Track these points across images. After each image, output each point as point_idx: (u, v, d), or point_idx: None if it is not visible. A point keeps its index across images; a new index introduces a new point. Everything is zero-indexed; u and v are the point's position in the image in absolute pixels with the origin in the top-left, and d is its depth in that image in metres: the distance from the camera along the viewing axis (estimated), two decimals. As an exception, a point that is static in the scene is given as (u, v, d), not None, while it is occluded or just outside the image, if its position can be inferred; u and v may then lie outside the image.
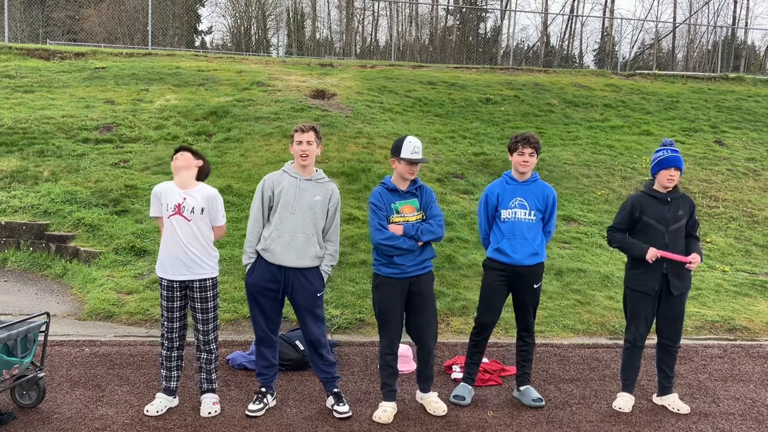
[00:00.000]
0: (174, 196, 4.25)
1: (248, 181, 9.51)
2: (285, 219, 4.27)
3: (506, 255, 4.54)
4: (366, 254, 7.77)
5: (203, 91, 13.99)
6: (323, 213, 4.36)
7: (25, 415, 4.21)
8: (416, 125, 13.01)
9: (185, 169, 4.28)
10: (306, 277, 4.31)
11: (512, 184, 4.64)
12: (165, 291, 4.27)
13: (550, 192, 4.65)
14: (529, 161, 4.54)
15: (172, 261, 4.21)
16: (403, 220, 4.33)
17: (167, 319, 4.31)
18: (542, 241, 4.64)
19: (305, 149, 4.28)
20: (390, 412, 4.38)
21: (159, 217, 4.33)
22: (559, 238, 8.95)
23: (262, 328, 4.40)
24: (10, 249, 8.45)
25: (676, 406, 4.66)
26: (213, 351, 4.40)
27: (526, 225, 4.55)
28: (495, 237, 4.64)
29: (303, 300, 4.34)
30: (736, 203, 10.96)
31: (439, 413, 4.42)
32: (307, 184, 4.34)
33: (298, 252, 4.26)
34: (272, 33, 48.53)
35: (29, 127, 11.21)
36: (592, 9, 45.82)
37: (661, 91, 17.25)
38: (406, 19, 44.37)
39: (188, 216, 4.21)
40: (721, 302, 7.50)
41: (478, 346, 4.75)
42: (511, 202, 4.58)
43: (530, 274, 4.57)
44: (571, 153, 12.32)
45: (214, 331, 4.38)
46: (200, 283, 4.27)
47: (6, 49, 17.07)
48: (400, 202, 4.35)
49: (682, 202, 4.58)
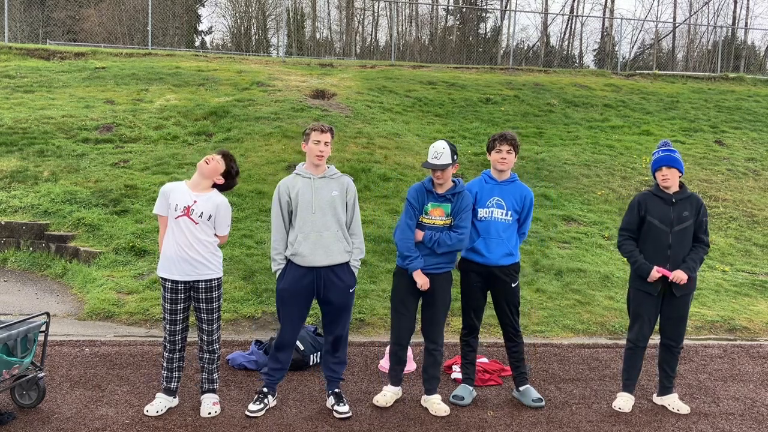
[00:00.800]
0: (184, 197, 4.22)
1: (248, 181, 9.51)
2: (307, 220, 4.26)
3: (481, 255, 4.54)
4: (366, 254, 7.75)
5: (203, 91, 13.99)
6: (343, 207, 4.36)
7: (25, 415, 4.21)
8: (416, 125, 13.01)
9: (209, 176, 4.26)
10: (337, 275, 4.31)
11: (491, 183, 4.63)
12: (168, 293, 4.23)
13: (528, 193, 4.64)
14: (507, 158, 4.53)
15: (177, 262, 4.18)
16: (429, 222, 4.39)
17: (170, 321, 4.29)
18: (517, 242, 4.64)
19: (322, 150, 4.28)
20: (389, 396, 4.50)
21: (161, 216, 4.31)
22: (559, 238, 8.95)
23: (287, 335, 4.38)
24: (10, 249, 8.45)
25: (676, 406, 4.66)
26: (216, 351, 4.40)
27: (502, 225, 4.54)
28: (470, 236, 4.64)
29: (337, 297, 4.33)
30: (736, 203, 10.97)
31: (440, 414, 4.43)
32: (321, 182, 4.33)
33: (326, 250, 4.25)
34: (272, 33, 48.58)
35: (29, 127, 11.21)
36: (592, 9, 45.85)
37: (661, 91, 17.25)
38: (406, 19, 44.41)
39: (196, 219, 4.20)
40: (721, 302, 7.50)
41: (470, 345, 4.77)
42: (489, 201, 4.57)
43: (506, 274, 4.57)
44: (571, 153, 12.32)
45: (217, 332, 4.38)
46: (206, 283, 4.26)
47: (6, 49, 17.07)
48: (432, 204, 4.42)
49: (688, 203, 4.56)
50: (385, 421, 4.32)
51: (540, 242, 8.69)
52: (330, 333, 4.46)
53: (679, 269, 4.48)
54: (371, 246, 8.01)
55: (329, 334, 4.46)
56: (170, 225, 4.23)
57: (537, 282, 7.57)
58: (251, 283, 7.05)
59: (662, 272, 4.49)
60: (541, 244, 8.65)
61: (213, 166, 4.27)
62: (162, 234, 4.33)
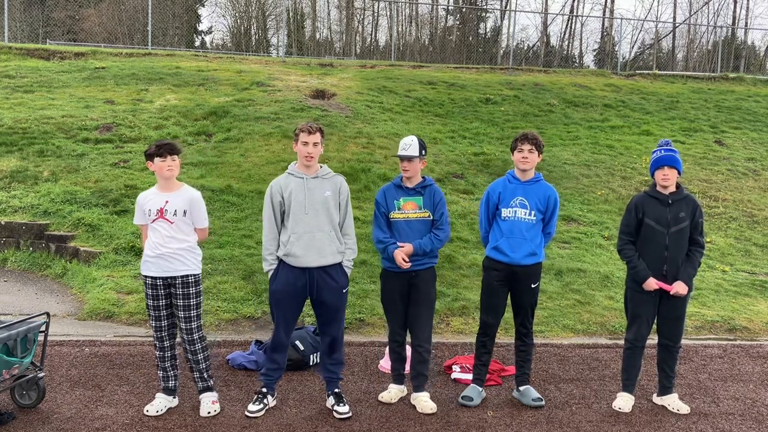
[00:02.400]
0: (156, 201, 4.27)
1: (248, 181, 9.51)
2: (300, 220, 4.25)
3: (504, 254, 4.55)
4: (366, 254, 7.77)
5: (203, 91, 13.99)
6: (336, 207, 4.36)
7: (25, 415, 4.21)
8: (416, 125, 13.01)
9: (170, 176, 4.27)
10: (330, 275, 4.31)
11: (514, 183, 4.65)
12: (150, 289, 4.29)
13: (552, 193, 4.65)
14: (529, 158, 4.55)
15: (155, 260, 4.25)
16: (402, 216, 4.46)
17: (154, 318, 4.33)
18: (542, 241, 4.64)
19: (311, 151, 4.27)
20: (394, 392, 4.60)
21: (141, 225, 4.39)
22: (559, 238, 8.95)
23: (281, 335, 4.39)
24: (10, 249, 8.45)
25: (676, 406, 4.66)
26: (198, 351, 4.37)
27: (525, 225, 4.55)
28: (494, 235, 4.65)
29: (330, 298, 4.33)
30: (736, 203, 10.97)
31: (426, 411, 4.43)
32: (314, 182, 4.33)
33: (319, 251, 4.25)
34: (272, 33, 48.57)
35: (29, 127, 11.21)
36: (592, 9, 45.82)
37: (661, 91, 17.25)
38: (406, 19, 44.39)
39: (171, 218, 4.24)
40: (721, 302, 7.50)
41: (485, 346, 4.76)
42: (512, 201, 4.58)
43: (528, 274, 4.57)
44: (571, 153, 12.32)
45: (198, 330, 4.35)
46: (182, 279, 4.27)
47: (6, 49, 17.06)
48: (404, 199, 4.49)
49: (684, 204, 4.55)
50: (385, 421, 4.32)
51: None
52: (325, 334, 4.46)
53: (679, 281, 4.49)
54: (371, 246, 8.00)
55: (325, 336, 4.47)
56: (149, 229, 4.30)
57: (537, 282, 7.57)
58: (251, 283, 7.05)
59: (662, 286, 4.50)
60: (541, 244, 8.65)
61: (176, 165, 4.27)
62: (144, 240, 4.40)
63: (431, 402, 4.51)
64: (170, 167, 4.23)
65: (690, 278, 4.52)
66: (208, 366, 4.44)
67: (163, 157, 4.21)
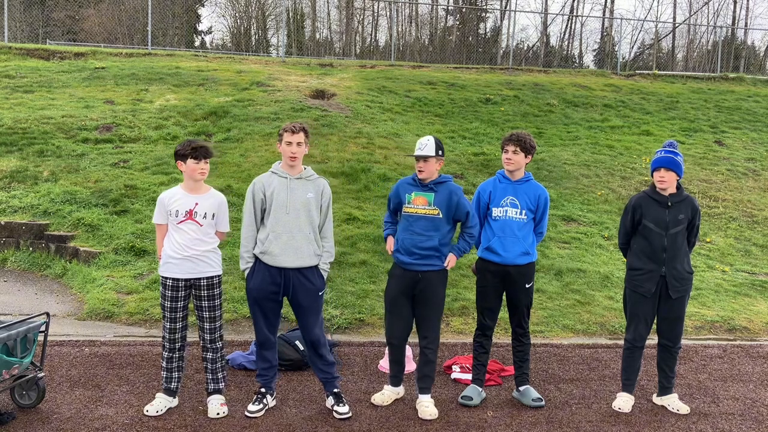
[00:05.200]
0: (184, 202, 4.26)
1: (248, 181, 9.47)
2: (280, 220, 4.25)
3: (496, 254, 4.56)
4: (366, 254, 7.77)
5: (203, 91, 13.99)
6: (317, 210, 4.36)
7: (25, 415, 4.21)
8: (416, 125, 13.01)
9: (202, 178, 4.29)
10: (306, 277, 4.31)
11: (504, 182, 4.66)
12: (169, 291, 4.26)
13: (542, 192, 4.65)
14: (513, 159, 4.56)
15: (181, 261, 4.22)
16: (412, 211, 4.43)
17: (170, 320, 4.30)
18: (533, 241, 4.65)
19: (294, 151, 4.28)
20: (387, 395, 4.55)
21: (160, 225, 4.35)
22: (558, 238, 8.95)
23: (263, 332, 4.40)
24: (10, 249, 8.45)
25: (676, 407, 4.66)
26: (219, 350, 4.41)
27: (517, 224, 4.56)
28: (485, 235, 4.65)
29: (305, 300, 4.33)
30: (736, 203, 10.96)
31: (425, 417, 4.37)
32: (297, 183, 4.33)
33: (297, 252, 4.25)
34: (272, 33, 48.55)
35: (29, 127, 11.21)
36: (591, 9, 45.76)
37: (661, 91, 17.25)
38: (405, 19, 44.38)
39: (200, 221, 4.26)
40: (720, 302, 7.50)
41: (483, 346, 4.76)
42: (503, 201, 4.59)
43: (521, 274, 4.58)
44: (571, 153, 12.32)
45: (220, 330, 4.40)
46: (208, 280, 4.29)
47: (6, 49, 17.06)
48: (416, 193, 4.45)
49: (683, 206, 4.54)
50: (385, 421, 4.32)
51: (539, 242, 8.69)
52: (305, 336, 4.45)
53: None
54: (371, 246, 8.01)
55: (305, 337, 4.46)
56: (170, 230, 4.27)
57: (537, 282, 7.56)
58: (251, 283, 7.04)
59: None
60: (541, 244, 8.64)
61: (208, 168, 4.32)
62: (160, 239, 4.36)
63: (433, 408, 4.46)
64: (203, 170, 4.26)
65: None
66: (223, 366, 4.46)
67: (198, 160, 4.23)
